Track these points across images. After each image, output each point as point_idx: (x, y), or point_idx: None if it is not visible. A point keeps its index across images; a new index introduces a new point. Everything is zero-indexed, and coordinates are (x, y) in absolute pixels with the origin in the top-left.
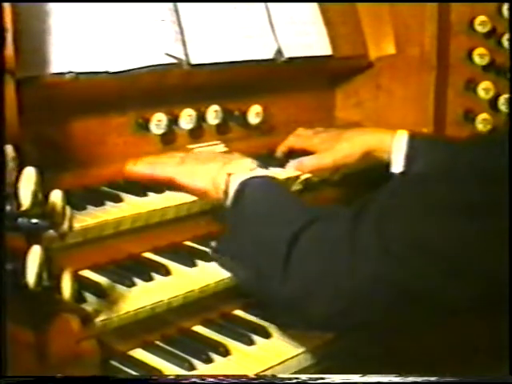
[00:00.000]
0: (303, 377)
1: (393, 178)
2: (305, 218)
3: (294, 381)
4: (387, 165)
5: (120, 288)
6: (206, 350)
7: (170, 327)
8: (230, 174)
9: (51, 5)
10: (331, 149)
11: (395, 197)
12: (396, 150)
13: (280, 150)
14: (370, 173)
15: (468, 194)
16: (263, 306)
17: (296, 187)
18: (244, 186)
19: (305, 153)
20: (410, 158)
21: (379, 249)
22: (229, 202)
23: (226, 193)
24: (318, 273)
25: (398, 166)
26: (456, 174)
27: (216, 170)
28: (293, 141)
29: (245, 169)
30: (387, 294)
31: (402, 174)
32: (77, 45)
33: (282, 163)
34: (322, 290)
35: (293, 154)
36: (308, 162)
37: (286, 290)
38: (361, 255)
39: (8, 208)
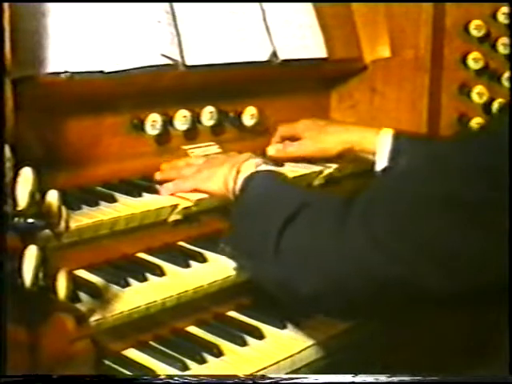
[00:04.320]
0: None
1: (381, 171)
2: (297, 203)
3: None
4: (372, 163)
5: (114, 288)
6: (199, 350)
7: (163, 327)
8: (238, 172)
9: (47, 4)
10: (313, 139)
11: (382, 189)
12: (380, 149)
13: (274, 141)
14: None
15: (450, 188)
16: (252, 285)
17: (317, 182)
18: (248, 180)
19: None
20: (393, 157)
21: (365, 237)
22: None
23: (234, 190)
24: (306, 254)
25: (382, 165)
26: (439, 168)
27: (227, 172)
28: (282, 130)
29: (252, 166)
30: (371, 281)
31: (386, 168)
32: (72, 45)
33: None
34: (309, 272)
35: None
36: (290, 148)
37: (277, 270)
38: (347, 241)
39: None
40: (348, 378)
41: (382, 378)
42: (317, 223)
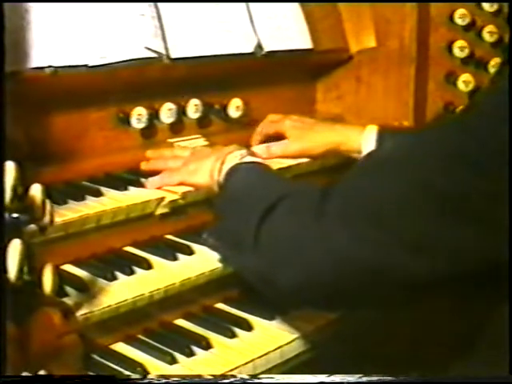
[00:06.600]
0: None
1: (360, 159)
2: (277, 194)
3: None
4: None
5: (101, 282)
6: (188, 343)
7: (151, 321)
8: (222, 164)
9: None
10: (300, 138)
11: (359, 178)
12: (365, 147)
13: (255, 140)
14: None
15: (428, 176)
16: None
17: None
18: (232, 171)
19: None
20: None
21: (343, 227)
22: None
23: (219, 181)
24: (285, 246)
25: None
26: (416, 155)
27: (212, 164)
28: (265, 126)
29: (237, 158)
30: (351, 270)
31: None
32: (56, 39)
33: None
34: (288, 263)
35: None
36: (274, 148)
37: (257, 261)
38: (325, 232)
39: None
40: (313, 378)
41: (350, 378)
42: (295, 214)
